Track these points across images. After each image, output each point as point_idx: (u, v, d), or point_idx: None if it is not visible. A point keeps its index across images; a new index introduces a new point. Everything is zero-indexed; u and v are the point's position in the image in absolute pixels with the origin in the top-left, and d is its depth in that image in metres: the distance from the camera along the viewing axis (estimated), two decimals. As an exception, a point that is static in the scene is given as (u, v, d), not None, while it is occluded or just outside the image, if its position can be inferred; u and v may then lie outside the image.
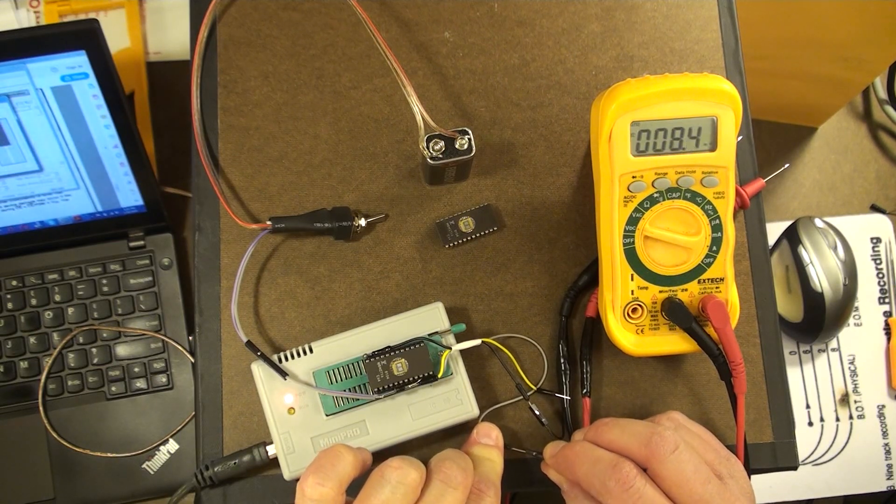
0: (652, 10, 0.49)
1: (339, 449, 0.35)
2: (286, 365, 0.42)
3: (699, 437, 0.40)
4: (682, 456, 0.36)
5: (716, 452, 0.39)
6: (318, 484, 0.33)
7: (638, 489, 0.35)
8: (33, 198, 0.65)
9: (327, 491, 0.33)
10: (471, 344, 0.43)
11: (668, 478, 0.36)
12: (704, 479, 0.36)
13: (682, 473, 0.36)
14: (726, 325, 0.41)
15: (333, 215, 0.45)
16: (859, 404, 0.67)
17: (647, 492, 0.36)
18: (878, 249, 0.69)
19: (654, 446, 0.36)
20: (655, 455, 0.36)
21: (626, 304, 0.42)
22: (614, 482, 0.36)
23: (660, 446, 0.36)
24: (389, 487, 0.34)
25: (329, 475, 0.34)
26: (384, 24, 0.48)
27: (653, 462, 0.36)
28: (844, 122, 0.79)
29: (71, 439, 0.65)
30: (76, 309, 0.68)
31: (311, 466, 0.34)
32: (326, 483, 0.34)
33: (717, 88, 0.40)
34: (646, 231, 0.42)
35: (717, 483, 0.36)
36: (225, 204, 0.46)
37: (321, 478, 0.34)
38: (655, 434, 0.37)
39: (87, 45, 0.57)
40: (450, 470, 0.35)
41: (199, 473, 0.43)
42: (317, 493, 0.33)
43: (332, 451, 0.35)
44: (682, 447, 0.36)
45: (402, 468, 0.34)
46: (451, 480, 0.35)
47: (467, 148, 0.42)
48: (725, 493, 0.36)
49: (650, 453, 0.36)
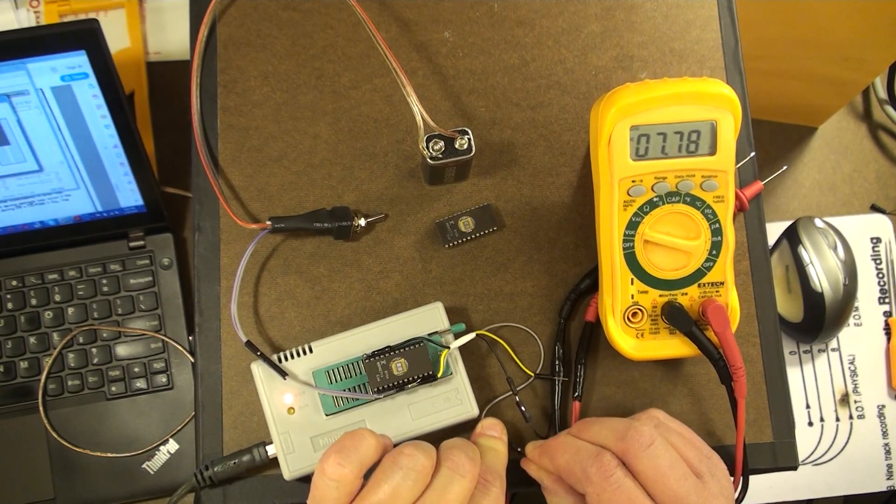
0: (652, 10, 0.49)
1: (364, 432, 0.35)
2: (286, 365, 0.42)
3: (680, 434, 0.40)
4: (657, 451, 0.36)
5: (697, 450, 0.39)
6: (339, 464, 0.33)
7: (618, 479, 0.36)
8: (33, 198, 0.65)
9: (347, 472, 0.33)
10: (467, 338, 0.43)
11: (643, 472, 0.36)
12: (680, 476, 0.36)
13: (657, 469, 0.36)
14: (726, 328, 0.41)
15: (333, 215, 0.45)
16: (859, 404, 0.67)
17: (627, 483, 0.36)
18: (878, 249, 0.69)
19: (629, 440, 0.37)
20: (630, 449, 0.36)
21: (626, 308, 0.42)
22: (595, 469, 0.36)
23: (634, 440, 0.36)
24: (401, 473, 0.34)
25: (351, 457, 0.34)
26: (384, 24, 0.48)
27: (628, 456, 0.37)
28: (844, 122, 0.79)
29: (71, 439, 0.65)
30: (76, 309, 0.68)
31: (333, 446, 0.34)
32: (347, 464, 0.33)
33: (717, 92, 0.40)
34: (646, 235, 0.42)
35: (694, 480, 0.36)
36: (225, 204, 0.46)
37: (343, 458, 0.34)
38: (631, 429, 0.37)
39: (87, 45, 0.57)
40: (458, 458, 0.35)
41: (198, 473, 0.43)
42: (337, 474, 0.33)
43: (356, 434, 0.35)
44: (658, 443, 0.37)
45: (413, 455, 0.34)
46: (459, 468, 0.35)
47: (467, 148, 0.42)
48: (703, 491, 0.36)
49: (626, 447, 0.37)
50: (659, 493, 0.36)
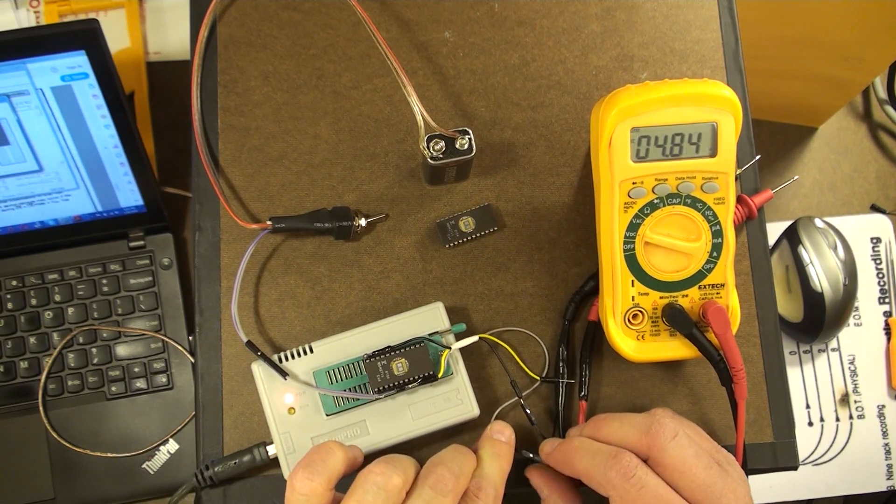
0: (652, 10, 0.49)
1: (331, 445, 0.35)
2: (286, 365, 0.42)
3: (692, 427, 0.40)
4: (682, 441, 0.36)
5: (710, 442, 0.39)
6: (308, 479, 0.34)
7: (640, 478, 0.35)
8: (33, 198, 0.65)
9: (316, 486, 0.34)
10: (469, 341, 0.43)
11: (670, 465, 0.36)
12: (706, 465, 0.36)
13: (684, 460, 0.36)
14: (727, 330, 0.41)
15: (333, 215, 0.45)
16: (859, 404, 0.67)
17: (650, 480, 0.36)
18: (878, 249, 0.69)
19: (654, 434, 0.36)
20: (656, 443, 0.36)
21: (627, 310, 0.42)
22: (615, 472, 0.36)
23: (659, 433, 0.36)
24: (372, 493, 0.34)
25: (319, 470, 0.34)
26: (384, 23, 0.48)
27: (654, 450, 0.36)
28: (844, 122, 0.79)
29: (71, 439, 0.65)
30: (76, 309, 0.68)
31: (301, 461, 0.35)
32: (315, 478, 0.34)
33: (717, 94, 0.40)
34: (646, 237, 0.42)
35: (718, 469, 0.36)
36: (225, 204, 0.46)
37: (311, 473, 0.34)
38: (655, 423, 0.37)
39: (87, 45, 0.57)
40: (441, 474, 0.35)
41: (199, 473, 0.43)
42: (306, 488, 0.34)
43: (323, 448, 0.35)
44: (681, 434, 0.36)
45: (384, 473, 0.34)
46: (440, 486, 0.35)
47: (468, 148, 0.42)
48: (726, 478, 0.36)
49: (651, 441, 0.36)
50: (686, 484, 0.36)
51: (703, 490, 0.35)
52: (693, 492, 0.36)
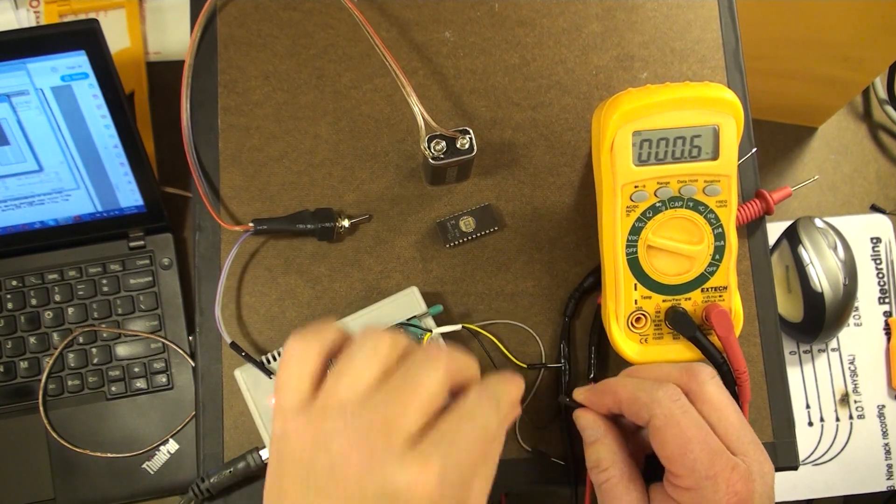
0: (652, 10, 0.49)
1: (328, 322, 0.33)
2: (275, 365, 0.42)
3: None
4: (720, 384, 0.37)
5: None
6: (300, 339, 0.32)
7: (685, 403, 0.36)
8: (33, 198, 0.65)
9: (308, 346, 0.31)
10: (451, 328, 0.43)
11: (710, 400, 0.37)
12: (737, 409, 0.37)
13: (721, 399, 0.37)
14: (730, 333, 0.41)
15: (316, 217, 0.45)
16: (859, 404, 0.67)
17: (693, 408, 0.36)
18: (878, 249, 0.69)
19: (694, 371, 0.37)
20: (697, 377, 0.37)
21: (630, 313, 0.42)
22: (663, 393, 0.36)
23: (700, 371, 0.37)
24: (368, 348, 0.31)
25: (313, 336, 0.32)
26: (384, 24, 0.48)
27: (694, 384, 0.37)
28: (844, 122, 0.79)
29: (71, 439, 0.65)
30: (76, 309, 0.68)
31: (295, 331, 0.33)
32: (309, 340, 0.32)
33: (719, 97, 0.40)
34: (648, 240, 0.42)
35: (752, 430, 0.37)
36: (209, 205, 0.45)
37: (304, 336, 0.32)
38: (694, 364, 0.38)
39: (87, 45, 0.57)
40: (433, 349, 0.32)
41: (195, 487, 0.43)
42: (299, 349, 0.31)
43: (319, 322, 0.33)
44: (718, 379, 0.38)
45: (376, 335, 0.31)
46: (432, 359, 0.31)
47: (468, 147, 0.42)
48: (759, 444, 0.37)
49: (691, 377, 0.37)
50: (722, 422, 0.36)
51: (736, 433, 0.36)
52: (727, 431, 0.36)
